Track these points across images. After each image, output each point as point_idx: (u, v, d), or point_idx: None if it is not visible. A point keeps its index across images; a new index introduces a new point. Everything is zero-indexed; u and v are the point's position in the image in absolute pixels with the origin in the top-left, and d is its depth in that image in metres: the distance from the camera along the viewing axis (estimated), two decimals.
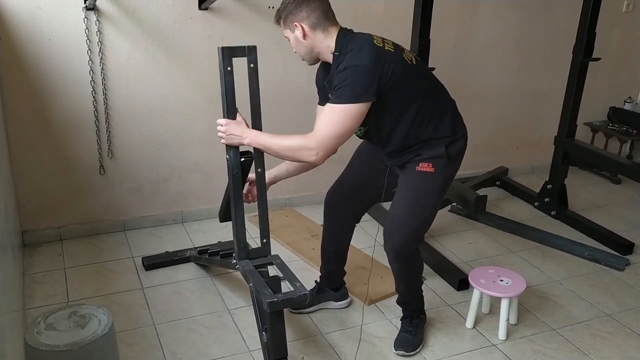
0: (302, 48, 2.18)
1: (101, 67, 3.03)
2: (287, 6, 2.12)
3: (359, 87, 2.00)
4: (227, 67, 2.21)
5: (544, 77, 4.20)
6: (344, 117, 2.01)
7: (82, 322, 1.62)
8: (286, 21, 2.14)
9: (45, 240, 3.21)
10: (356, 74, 2.00)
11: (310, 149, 2.02)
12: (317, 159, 2.04)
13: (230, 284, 2.89)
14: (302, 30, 2.12)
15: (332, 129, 2.02)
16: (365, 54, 2.02)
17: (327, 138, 2.02)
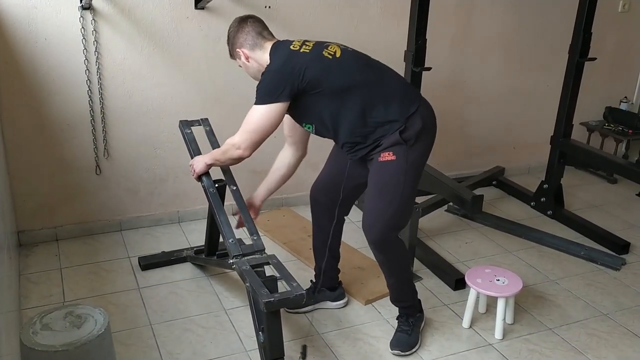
0: (250, 70, 2.36)
1: (97, 67, 3.03)
2: (229, 39, 2.35)
3: (269, 90, 2.19)
4: (187, 131, 2.74)
5: (540, 77, 4.20)
6: (259, 116, 2.21)
7: (78, 322, 1.61)
8: (232, 52, 2.36)
9: (41, 240, 3.20)
10: (267, 79, 2.22)
11: (234, 145, 2.28)
12: (243, 152, 2.27)
13: (227, 284, 2.89)
14: (244, 54, 2.32)
15: (249, 126, 2.25)
16: (277, 60, 2.23)
17: (246, 133, 2.25)
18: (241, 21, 2.34)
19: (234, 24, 2.34)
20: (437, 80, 3.74)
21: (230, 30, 2.34)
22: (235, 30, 2.32)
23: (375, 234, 2.29)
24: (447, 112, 4.03)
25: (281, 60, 2.21)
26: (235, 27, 2.33)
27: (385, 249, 2.33)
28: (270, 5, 3.28)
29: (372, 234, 2.30)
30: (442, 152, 4.07)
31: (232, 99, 3.38)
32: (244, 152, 2.26)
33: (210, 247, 2.87)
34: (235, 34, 2.32)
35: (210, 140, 2.71)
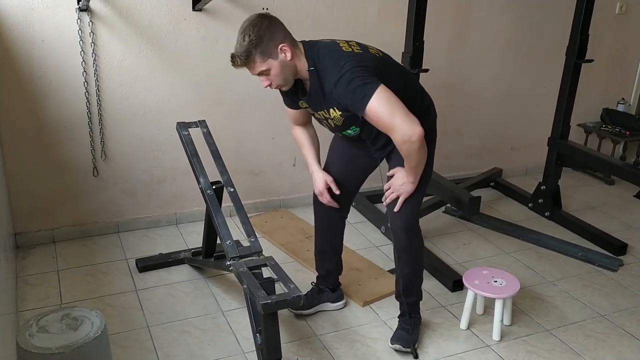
0: (287, 71, 2.13)
1: (94, 69, 3.02)
2: (261, 37, 2.04)
3: (365, 79, 2.04)
4: (185, 133, 2.71)
5: (538, 78, 4.21)
6: (388, 95, 2.04)
7: (75, 325, 1.61)
8: (267, 51, 2.06)
9: (39, 242, 3.19)
10: (351, 75, 2.04)
11: (412, 141, 2.06)
12: (415, 130, 2.04)
13: (225, 286, 2.89)
14: (289, 50, 2.09)
15: (399, 111, 2.04)
16: (344, 59, 2.08)
17: (396, 119, 2.04)
18: (267, 16, 2.09)
19: (261, 20, 2.07)
20: (435, 82, 3.71)
21: (257, 30, 2.04)
22: (267, 26, 2.05)
23: (409, 219, 2.34)
24: (444, 114, 4.01)
25: (350, 59, 2.08)
26: (263, 23, 2.06)
27: (413, 233, 2.39)
28: (267, 7, 3.28)
29: (405, 219, 2.32)
30: (439, 154, 4.04)
31: (229, 101, 3.38)
32: (417, 129, 2.04)
33: (207, 249, 2.86)
34: (272, 28, 2.06)
35: (207, 142, 2.71)
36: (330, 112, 2.20)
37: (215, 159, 2.66)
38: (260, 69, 2.09)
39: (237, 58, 2.08)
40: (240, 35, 2.07)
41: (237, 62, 2.09)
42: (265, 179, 3.59)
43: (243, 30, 2.07)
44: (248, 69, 2.12)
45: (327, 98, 2.15)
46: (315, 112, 2.29)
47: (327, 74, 2.10)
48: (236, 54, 2.08)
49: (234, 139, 3.44)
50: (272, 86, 2.16)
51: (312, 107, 2.26)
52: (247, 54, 2.06)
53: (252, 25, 2.05)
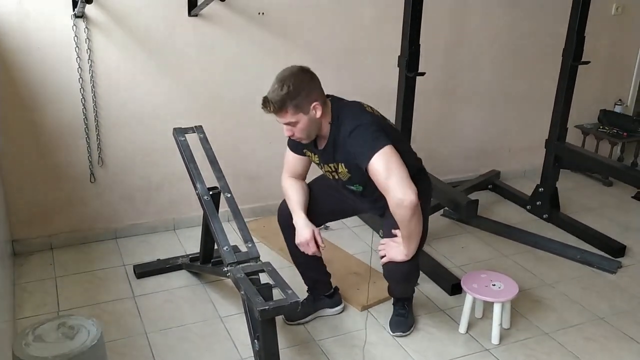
0: (313, 128, 2.21)
1: (91, 75, 3.02)
2: (299, 91, 2.12)
3: (376, 137, 2.15)
4: (182, 139, 2.70)
5: (535, 81, 4.21)
6: (389, 160, 2.11)
7: (71, 333, 1.60)
8: (300, 105, 2.13)
9: (36, 249, 3.19)
10: (367, 131, 2.16)
11: (401, 202, 2.09)
12: (411, 197, 2.09)
13: (223, 291, 2.88)
14: (321, 108, 2.17)
15: (391, 175, 2.10)
16: (365, 115, 2.22)
17: (396, 181, 2.09)
18: (308, 71, 2.18)
19: (303, 74, 2.15)
20: (431, 85, 3.74)
21: (297, 83, 2.11)
22: (309, 81, 2.15)
23: (408, 267, 2.33)
24: (441, 117, 4.05)
25: (371, 116, 2.23)
26: (304, 77, 2.15)
27: (414, 278, 2.45)
28: (263, 12, 3.28)
29: (405, 267, 2.31)
30: (437, 157, 4.09)
31: (226, 107, 3.38)
32: (412, 195, 2.08)
33: (205, 255, 2.86)
34: (309, 85, 2.14)
35: (204, 147, 2.70)
36: (338, 166, 2.31)
37: (212, 165, 2.65)
38: (289, 120, 2.16)
39: (271, 104, 2.13)
40: (278, 82, 2.12)
41: (269, 108, 2.14)
42: (263, 183, 3.59)
43: (282, 78, 2.12)
44: (277, 116, 2.17)
45: (338, 152, 2.25)
46: (324, 164, 2.37)
47: (345, 125, 2.19)
48: (271, 100, 2.12)
49: (231, 144, 3.44)
50: (293, 137, 2.24)
51: (323, 159, 2.35)
52: (281, 103, 2.11)
53: (293, 76, 2.12)
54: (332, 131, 2.24)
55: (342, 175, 2.34)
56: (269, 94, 2.13)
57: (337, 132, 2.22)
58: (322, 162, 2.37)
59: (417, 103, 3.17)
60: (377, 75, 3.65)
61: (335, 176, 2.38)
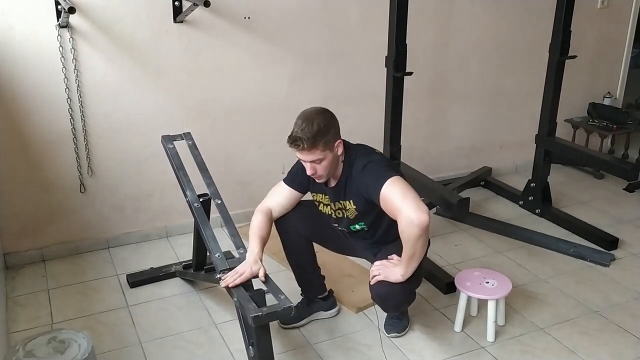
0: (334, 166, 2.29)
1: (77, 85, 3.01)
2: (329, 128, 2.20)
3: (388, 166, 2.28)
4: (170, 146, 2.72)
5: (523, 76, 4.22)
6: (402, 185, 2.18)
7: (62, 348, 1.59)
8: (328, 142, 2.21)
9: (28, 262, 3.17)
10: (380, 163, 2.27)
11: (411, 222, 2.10)
12: (423, 217, 2.10)
13: (217, 298, 2.87)
14: (342, 147, 2.28)
15: (405, 196, 2.14)
16: (375, 155, 2.34)
17: (408, 203, 2.12)
18: (330, 112, 2.26)
19: (328, 113, 2.24)
20: (420, 85, 3.74)
21: (326, 121, 2.20)
22: (333, 121, 2.23)
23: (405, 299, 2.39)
24: (431, 116, 4.05)
25: (380, 154, 2.36)
26: (330, 117, 2.23)
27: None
28: (249, 16, 3.27)
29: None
30: (428, 155, 4.09)
31: (215, 112, 3.37)
32: (425, 216, 2.10)
33: (198, 262, 2.85)
34: (333, 124, 2.23)
35: (193, 154, 2.69)
36: (346, 204, 2.36)
37: (202, 171, 2.65)
38: (318, 157, 2.21)
39: (303, 141, 2.17)
40: (306, 120, 2.18)
41: (302, 146, 2.18)
42: (254, 188, 3.57)
43: (309, 116, 2.19)
44: (304, 153, 2.21)
45: (349, 189, 2.32)
46: (333, 202, 2.40)
47: (357, 163, 2.28)
48: (303, 137, 2.16)
49: (221, 150, 3.43)
50: (315, 175, 2.28)
51: (333, 197, 2.39)
52: (314, 139, 2.16)
53: (320, 114, 2.21)
54: (344, 170, 2.32)
55: (349, 213, 2.38)
56: (299, 132, 2.17)
57: (350, 170, 2.30)
58: (332, 201, 2.41)
59: (406, 103, 3.16)
60: (365, 76, 3.65)
61: (341, 214, 2.41)
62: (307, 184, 2.46)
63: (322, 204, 2.48)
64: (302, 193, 2.50)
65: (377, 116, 3.33)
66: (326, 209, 2.47)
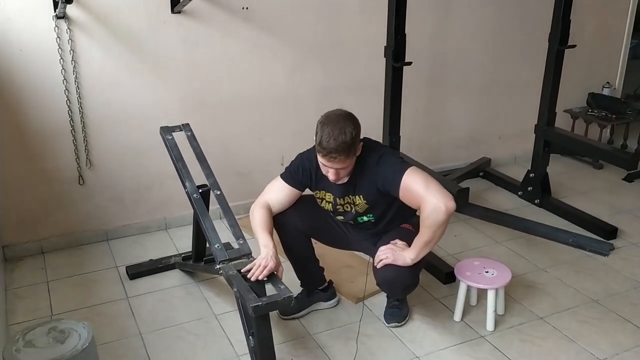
0: (351, 166, 2.27)
1: (75, 76, 2.99)
2: (358, 134, 2.19)
3: (400, 158, 2.29)
4: (169, 138, 2.72)
5: (522, 66, 4.21)
6: (420, 173, 2.22)
7: (62, 338, 1.59)
8: (355, 148, 2.21)
9: (27, 254, 3.16)
10: (393, 157, 2.30)
11: (436, 208, 2.13)
12: (450, 206, 2.13)
13: (217, 289, 2.87)
14: (361, 148, 2.27)
15: (426, 184, 2.17)
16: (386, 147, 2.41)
17: (431, 189, 2.15)
18: (354, 116, 2.24)
19: (353, 117, 2.21)
20: (419, 75, 3.73)
21: (355, 128, 2.17)
22: (359, 127, 2.21)
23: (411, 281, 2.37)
24: (430, 106, 4.04)
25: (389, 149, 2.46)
26: (358, 124, 2.20)
27: (413, 288, 2.43)
28: (247, 7, 3.26)
29: (406, 279, 2.32)
30: (427, 146, 4.09)
31: (213, 103, 3.36)
32: (452, 202, 2.13)
33: (197, 253, 2.85)
34: (360, 130, 2.22)
35: (192, 145, 2.69)
36: (356, 199, 2.35)
37: (201, 162, 2.64)
38: (346, 164, 2.21)
39: (340, 153, 2.14)
40: (338, 129, 2.12)
41: (338, 158, 2.15)
42: (253, 179, 3.57)
43: (339, 124, 2.14)
44: (335, 162, 2.18)
45: (360, 184, 2.32)
46: (338, 198, 2.39)
47: (370, 157, 2.28)
48: (338, 148, 2.13)
49: (219, 141, 3.42)
50: (338, 179, 2.27)
51: (340, 194, 2.37)
52: (349, 150, 2.15)
53: (350, 121, 2.17)
54: (356, 166, 2.29)
55: (358, 207, 2.38)
56: (332, 143, 2.12)
57: (362, 166, 2.29)
58: (338, 197, 2.39)
59: (405, 93, 3.16)
60: (364, 67, 3.64)
61: (349, 208, 2.41)
62: (307, 182, 2.44)
63: (324, 201, 2.46)
64: (301, 191, 2.48)
65: (376, 107, 3.32)
66: (328, 206, 2.46)
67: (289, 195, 2.45)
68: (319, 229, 2.57)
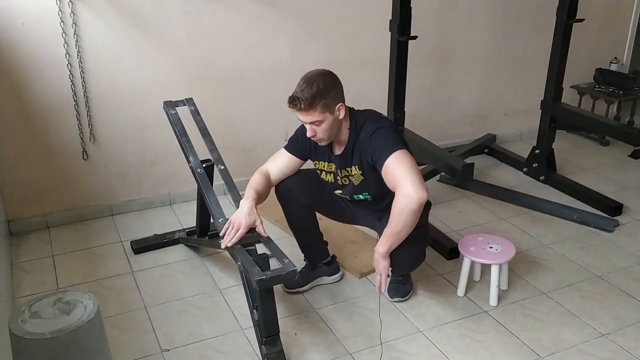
0: (335, 129, 2.27)
1: (77, 50, 2.97)
2: (329, 90, 2.18)
3: (398, 139, 2.25)
4: (172, 112, 2.69)
5: (529, 42, 4.15)
6: (407, 158, 2.18)
7: (67, 309, 1.60)
8: (328, 104, 2.19)
9: (32, 229, 3.18)
10: (389, 132, 2.26)
11: (408, 195, 2.11)
12: (422, 194, 2.11)
13: (221, 264, 2.88)
14: (344, 110, 2.25)
15: (407, 170, 2.14)
16: (385, 121, 2.33)
17: (410, 177, 2.12)
18: (333, 74, 2.23)
19: (330, 76, 2.21)
20: (424, 49, 3.69)
21: (326, 83, 2.17)
22: (334, 83, 2.20)
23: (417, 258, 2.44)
24: (435, 81, 4.00)
25: (389, 122, 2.35)
26: (332, 79, 2.20)
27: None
28: None
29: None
30: (432, 123, 4.06)
31: (217, 78, 3.34)
32: (424, 193, 2.11)
33: (201, 228, 2.86)
34: (335, 87, 2.20)
35: (195, 120, 2.67)
36: (352, 170, 2.35)
37: (204, 137, 2.63)
38: (316, 119, 2.20)
39: (301, 102, 2.16)
40: (307, 82, 2.17)
41: (299, 106, 2.17)
42: (258, 155, 3.55)
43: (310, 78, 2.18)
44: (303, 114, 2.20)
45: (356, 155, 2.31)
46: (338, 170, 2.39)
47: (366, 128, 2.27)
48: (301, 97, 2.16)
49: (223, 116, 3.41)
50: (314, 137, 2.27)
51: (339, 165, 2.38)
52: (312, 100, 2.15)
53: (321, 77, 2.19)
54: (351, 136, 2.31)
55: (354, 179, 2.37)
56: (298, 93, 2.17)
57: (357, 136, 2.29)
58: (338, 168, 2.39)
59: (410, 68, 3.13)
60: (370, 41, 3.60)
61: (347, 181, 2.40)
62: (308, 152, 2.45)
63: (324, 172, 2.46)
64: (302, 160, 2.48)
65: (381, 82, 3.30)
66: (329, 177, 2.46)
67: (289, 164, 2.46)
68: (322, 202, 2.56)
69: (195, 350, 2.33)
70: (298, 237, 2.67)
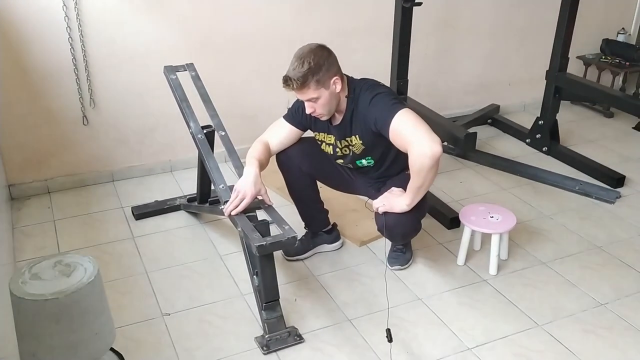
0: (333, 102, 2.25)
1: (76, 13, 2.92)
2: (320, 66, 2.15)
3: (397, 99, 2.24)
4: (173, 77, 2.68)
5: (535, 10, 4.08)
6: (412, 115, 2.15)
7: (67, 271, 1.60)
8: (322, 80, 2.17)
9: (33, 193, 3.18)
10: (388, 95, 2.25)
11: (423, 153, 2.07)
12: (435, 152, 2.07)
13: (222, 231, 2.89)
14: (340, 83, 2.22)
15: (416, 126, 2.11)
16: (381, 87, 2.29)
17: (420, 133, 2.09)
18: (326, 47, 2.21)
19: (321, 50, 2.18)
20: (429, 17, 3.63)
21: (317, 59, 2.14)
22: (328, 57, 2.17)
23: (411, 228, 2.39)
24: (439, 50, 3.95)
25: (386, 88, 2.30)
26: (323, 54, 2.17)
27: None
28: None
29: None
30: (435, 92, 4.02)
31: (218, 43, 3.30)
32: (439, 147, 2.07)
33: (202, 194, 2.85)
34: (327, 61, 2.17)
35: (196, 85, 2.65)
36: (352, 139, 2.33)
37: (205, 103, 2.61)
38: (312, 96, 2.19)
39: (293, 81, 2.15)
40: (298, 60, 2.15)
41: (292, 86, 2.16)
42: (259, 122, 3.49)
43: (302, 56, 2.16)
44: (299, 93, 2.21)
45: (355, 124, 2.29)
46: (338, 141, 2.37)
47: (363, 96, 2.24)
48: (292, 77, 2.15)
49: (224, 83, 3.37)
50: (314, 113, 2.26)
51: (339, 135, 2.36)
52: (304, 79, 2.14)
53: (312, 53, 2.15)
54: (349, 105, 2.28)
55: (355, 149, 2.35)
56: (290, 72, 2.15)
57: (356, 105, 2.27)
58: (338, 139, 2.37)
59: (414, 36, 3.08)
60: (373, 7, 3.54)
61: (347, 151, 2.38)
62: (307, 123, 2.43)
63: (324, 143, 2.45)
64: (302, 131, 2.47)
65: (384, 50, 3.25)
66: (328, 148, 2.44)
67: (289, 134, 2.44)
68: (323, 170, 2.55)
69: (196, 315, 2.34)
70: (299, 205, 2.67)
